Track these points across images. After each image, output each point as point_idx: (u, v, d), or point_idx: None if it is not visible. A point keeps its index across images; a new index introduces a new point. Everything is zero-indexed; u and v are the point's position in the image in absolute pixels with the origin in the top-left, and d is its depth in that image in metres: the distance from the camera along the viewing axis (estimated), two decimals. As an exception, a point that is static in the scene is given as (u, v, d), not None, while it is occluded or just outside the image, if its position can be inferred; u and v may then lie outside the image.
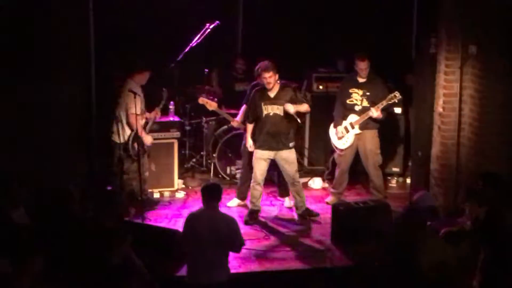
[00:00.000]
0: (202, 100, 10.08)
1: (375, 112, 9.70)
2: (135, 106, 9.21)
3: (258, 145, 9.39)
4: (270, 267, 8.34)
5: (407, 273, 6.99)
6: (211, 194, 7.27)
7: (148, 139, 9.60)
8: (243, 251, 8.06)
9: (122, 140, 9.47)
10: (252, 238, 8.91)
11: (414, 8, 10.96)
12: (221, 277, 7.15)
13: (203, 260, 7.08)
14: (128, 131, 9.46)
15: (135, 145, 9.47)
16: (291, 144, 9.41)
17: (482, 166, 8.82)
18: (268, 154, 9.35)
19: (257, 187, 9.43)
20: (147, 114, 9.74)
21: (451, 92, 9.32)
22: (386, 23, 11.62)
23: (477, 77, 9.04)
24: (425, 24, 9.94)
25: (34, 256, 6.29)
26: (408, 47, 11.09)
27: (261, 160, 9.38)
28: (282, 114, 9.26)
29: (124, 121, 9.41)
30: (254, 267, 8.30)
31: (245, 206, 9.81)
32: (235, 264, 8.22)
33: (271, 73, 9.18)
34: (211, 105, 10.15)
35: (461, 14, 9.10)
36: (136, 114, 9.32)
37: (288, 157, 9.39)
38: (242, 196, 9.93)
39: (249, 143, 9.49)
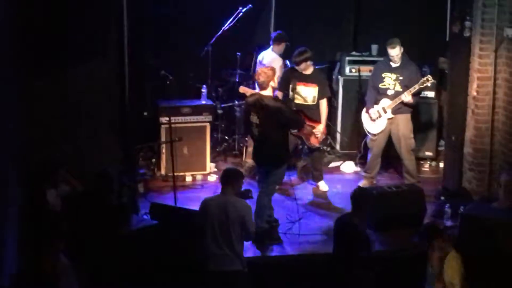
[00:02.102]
0: (242, 89, 10.04)
1: (407, 96, 9.65)
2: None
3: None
4: (302, 250, 8.39)
5: None
6: (225, 179, 7.29)
7: None
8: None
9: None
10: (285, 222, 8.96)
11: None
12: (233, 266, 7.05)
13: (215, 247, 7.05)
14: None
15: None
16: None
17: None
18: None
19: None
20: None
21: (485, 76, 9.26)
22: (420, 6, 11.53)
23: (512, 60, 8.97)
24: (459, 7, 9.86)
25: (58, 238, 6.41)
26: (442, 30, 11.00)
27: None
28: None
29: None
30: (287, 250, 8.34)
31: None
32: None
33: None
34: None
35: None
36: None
37: None
38: None
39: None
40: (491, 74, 9.20)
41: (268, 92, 8.42)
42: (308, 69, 9.72)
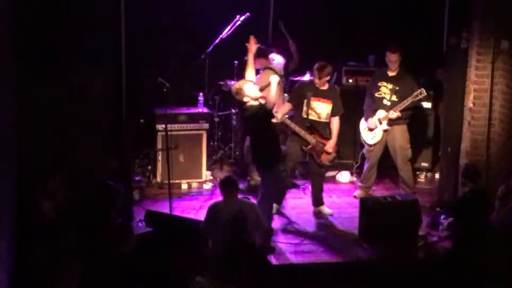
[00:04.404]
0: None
1: (393, 114, 9.70)
2: None
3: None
4: (298, 260, 8.36)
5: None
6: (230, 187, 7.54)
7: None
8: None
9: None
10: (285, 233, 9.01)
11: (446, 2, 10.89)
12: None
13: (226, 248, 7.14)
14: None
15: None
16: None
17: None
18: None
19: None
20: None
21: (482, 88, 9.27)
22: (418, 17, 11.54)
23: (509, 72, 8.98)
24: (457, 19, 9.88)
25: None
26: (439, 41, 11.01)
27: None
28: None
29: None
30: (283, 260, 8.32)
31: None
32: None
33: None
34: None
35: (494, 9, 9.04)
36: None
37: None
38: None
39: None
40: (487, 86, 9.22)
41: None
42: (325, 84, 9.50)
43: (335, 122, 9.54)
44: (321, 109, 9.48)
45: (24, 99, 7.54)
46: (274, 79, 8.50)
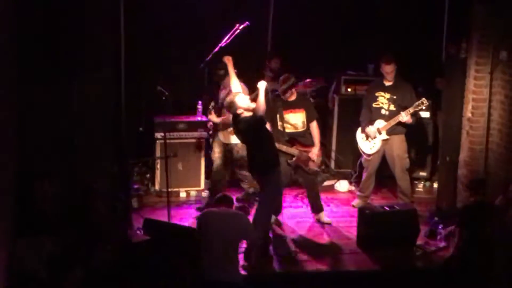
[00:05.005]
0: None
1: (405, 116, 9.62)
2: None
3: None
4: (295, 269, 8.36)
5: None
6: (224, 202, 7.52)
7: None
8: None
9: None
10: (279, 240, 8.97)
11: (445, 12, 10.91)
12: (233, 277, 7.17)
13: (214, 256, 7.13)
14: None
15: None
16: None
17: (510, 172, 8.78)
18: None
19: None
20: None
21: (480, 97, 9.29)
22: (417, 26, 11.56)
23: (507, 82, 9.00)
24: (456, 29, 9.90)
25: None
26: (439, 51, 11.02)
27: None
28: None
29: None
30: (279, 269, 8.31)
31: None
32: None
33: None
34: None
35: (493, 20, 9.06)
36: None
37: None
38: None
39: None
40: (486, 96, 9.24)
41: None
42: (293, 95, 9.45)
43: (314, 129, 9.51)
44: (295, 120, 9.46)
45: (24, 105, 7.54)
46: (262, 85, 8.45)
